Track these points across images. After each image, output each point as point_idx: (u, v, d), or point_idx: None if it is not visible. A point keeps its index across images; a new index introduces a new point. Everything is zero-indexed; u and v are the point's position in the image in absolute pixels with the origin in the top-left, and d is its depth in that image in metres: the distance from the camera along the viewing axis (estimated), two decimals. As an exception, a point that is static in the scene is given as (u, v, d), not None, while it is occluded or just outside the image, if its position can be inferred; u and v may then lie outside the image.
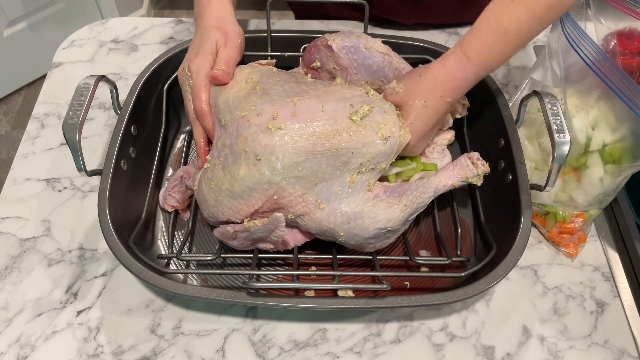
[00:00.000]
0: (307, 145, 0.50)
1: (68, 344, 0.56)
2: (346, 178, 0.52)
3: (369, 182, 0.53)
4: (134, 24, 0.86)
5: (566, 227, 0.63)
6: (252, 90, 0.54)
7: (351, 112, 0.51)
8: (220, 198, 0.54)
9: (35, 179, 0.69)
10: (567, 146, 0.53)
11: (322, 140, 0.51)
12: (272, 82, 0.55)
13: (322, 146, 0.51)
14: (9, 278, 0.60)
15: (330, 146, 0.51)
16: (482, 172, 0.57)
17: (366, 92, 0.55)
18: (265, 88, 0.54)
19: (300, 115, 0.51)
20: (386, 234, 0.54)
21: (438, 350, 0.57)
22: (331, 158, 0.51)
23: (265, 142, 0.50)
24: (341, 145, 0.51)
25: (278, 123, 0.51)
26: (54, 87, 0.78)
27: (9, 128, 1.80)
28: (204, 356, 0.56)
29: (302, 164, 0.51)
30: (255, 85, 0.55)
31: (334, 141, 0.51)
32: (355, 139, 0.51)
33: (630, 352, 0.57)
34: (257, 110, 0.52)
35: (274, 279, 0.60)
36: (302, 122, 0.51)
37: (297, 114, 0.51)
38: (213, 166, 0.54)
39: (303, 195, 0.52)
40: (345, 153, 0.51)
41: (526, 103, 0.60)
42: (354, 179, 0.53)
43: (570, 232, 0.63)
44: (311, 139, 0.50)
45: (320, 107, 0.52)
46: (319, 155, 0.51)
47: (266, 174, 0.51)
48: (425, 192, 0.55)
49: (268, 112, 0.51)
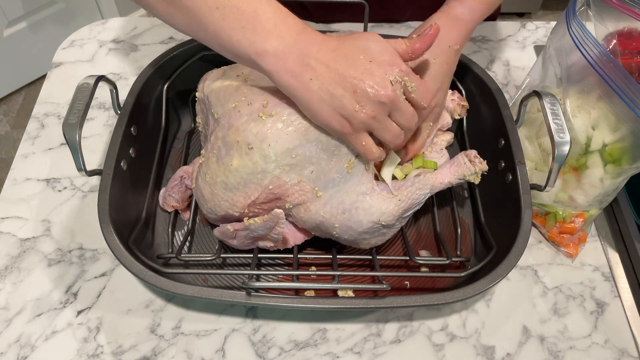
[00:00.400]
0: (298, 129, 0.50)
1: (68, 344, 0.56)
2: (344, 163, 0.52)
3: (366, 166, 0.53)
4: (134, 24, 0.86)
5: (566, 227, 0.63)
6: (243, 82, 0.54)
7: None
8: (215, 191, 0.54)
9: (35, 179, 0.69)
10: (567, 146, 0.53)
11: (314, 125, 0.50)
12: (262, 75, 0.55)
13: (314, 130, 0.50)
14: (9, 278, 0.60)
15: (322, 130, 0.50)
16: (480, 169, 0.57)
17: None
18: (256, 80, 0.54)
19: (291, 101, 0.50)
20: (381, 230, 0.54)
21: (438, 351, 0.57)
22: (324, 143, 0.51)
23: (256, 130, 0.50)
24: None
25: (269, 110, 0.50)
26: (54, 87, 0.78)
27: (9, 128, 1.80)
28: (204, 356, 0.56)
29: (294, 150, 0.50)
30: (245, 78, 0.55)
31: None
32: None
33: (631, 352, 0.57)
34: (248, 100, 0.52)
35: (273, 279, 0.60)
36: (292, 107, 0.50)
37: (287, 100, 0.51)
38: (207, 160, 0.54)
39: (299, 183, 0.52)
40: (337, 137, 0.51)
41: (526, 103, 0.60)
42: (352, 163, 0.52)
43: (571, 232, 0.63)
44: (302, 124, 0.50)
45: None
46: (312, 140, 0.50)
47: (259, 163, 0.50)
48: (422, 188, 0.55)
49: (258, 101, 0.51)
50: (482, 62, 0.82)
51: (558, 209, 0.63)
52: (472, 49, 0.84)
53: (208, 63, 0.70)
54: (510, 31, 0.86)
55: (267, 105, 0.51)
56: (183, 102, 0.72)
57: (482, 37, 0.86)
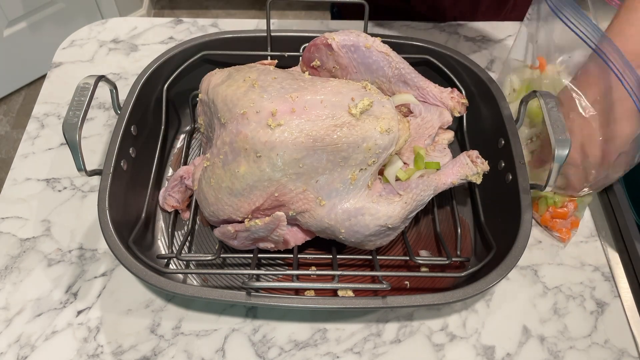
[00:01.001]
0: (307, 141, 0.50)
1: (68, 344, 0.56)
2: (347, 175, 0.52)
3: (369, 178, 0.53)
4: (134, 24, 0.86)
5: (558, 212, 0.64)
6: (250, 87, 0.54)
7: (350, 107, 0.51)
8: (220, 196, 0.54)
9: (35, 179, 0.69)
10: (567, 146, 0.53)
11: (322, 136, 0.50)
12: (269, 80, 0.55)
13: (322, 141, 0.51)
14: (9, 278, 0.60)
15: (330, 141, 0.51)
16: (482, 170, 0.57)
17: (364, 86, 0.55)
18: (263, 85, 0.54)
19: (299, 111, 0.51)
20: (386, 232, 0.54)
21: (438, 350, 0.57)
22: (331, 154, 0.51)
23: (265, 138, 0.50)
24: (341, 140, 0.51)
25: (277, 119, 0.50)
26: (54, 87, 0.78)
27: (9, 128, 1.80)
28: (204, 356, 0.56)
29: (302, 160, 0.51)
30: (253, 83, 0.55)
31: (334, 136, 0.51)
32: (355, 133, 0.51)
33: (631, 352, 0.57)
34: (256, 107, 0.52)
35: (273, 279, 0.60)
36: (301, 118, 0.51)
37: (296, 109, 0.51)
38: (213, 164, 0.54)
39: (304, 192, 0.52)
40: (345, 149, 0.51)
41: (526, 103, 0.60)
42: (355, 175, 0.53)
43: (563, 217, 0.64)
44: (311, 135, 0.50)
45: (319, 103, 0.51)
46: (319, 151, 0.51)
47: (267, 171, 0.51)
48: (425, 190, 0.55)
49: (267, 109, 0.51)
50: (482, 62, 0.82)
51: (549, 195, 0.64)
52: (472, 49, 0.84)
53: (208, 63, 0.70)
54: (510, 31, 0.86)
55: (275, 114, 0.51)
56: (183, 102, 0.72)
57: (482, 37, 0.86)
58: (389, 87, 0.63)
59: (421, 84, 0.62)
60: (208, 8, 2.23)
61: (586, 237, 0.66)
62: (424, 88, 0.63)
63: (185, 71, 0.68)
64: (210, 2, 2.25)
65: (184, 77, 0.68)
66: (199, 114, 0.63)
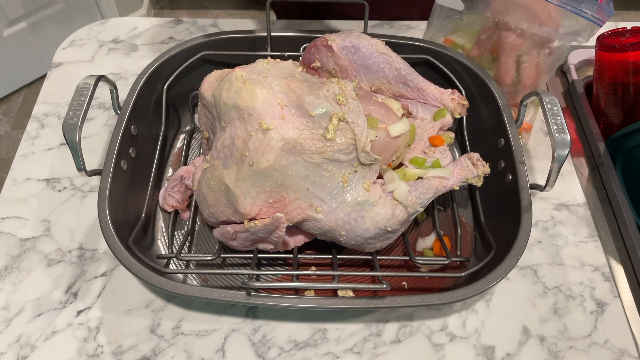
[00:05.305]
0: (294, 147, 0.51)
1: (68, 344, 0.56)
2: (338, 178, 0.52)
3: (363, 179, 0.53)
4: (133, 24, 0.86)
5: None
6: (249, 89, 0.54)
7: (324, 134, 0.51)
8: (219, 198, 0.54)
9: (35, 179, 0.69)
10: (567, 146, 0.53)
11: (309, 143, 0.51)
12: (260, 79, 0.55)
13: (309, 149, 0.51)
14: (9, 278, 0.60)
15: (316, 149, 0.51)
16: (482, 172, 0.57)
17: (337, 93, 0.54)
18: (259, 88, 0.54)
19: (288, 118, 0.51)
20: (386, 235, 0.54)
21: (438, 350, 0.57)
22: (316, 160, 0.51)
23: (254, 145, 0.51)
24: (327, 148, 0.51)
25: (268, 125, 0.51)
26: (54, 87, 0.78)
27: (9, 128, 1.80)
28: (204, 356, 0.56)
29: (290, 167, 0.51)
30: (244, 81, 0.55)
31: (319, 144, 0.51)
32: (339, 141, 0.51)
33: (630, 352, 0.57)
34: (248, 111, 0.52)
35: (273, 279, 0.60)
36: (289, 125, 0.51)
37: (285, 117, 0.51)
38: (213, 167, 0.55)
39: (296, 200, 0.53)
40: (332, 155, 0.51)
41: (526, 103, 0.60)
42: (346, 178, 0.52)
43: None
44: (298, 141, 0.51)
45: (306, 112, 0.52)
46: (307, 158, 0.51)
47: (258, 177, 0.51)
48: (425, 192, 0.55)
49: (259, 114, 0.51)
50: (482, 62, 0.82)
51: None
52: (472, 49, 0.84)
53: (208, 63, 0.70)
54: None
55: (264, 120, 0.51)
56: (183, 102, 0.72)
57: (482, 37, 0.85)
58: (389, 89, 0.63)
59: (421, 85, 0.63)
60: (208, 8, 2.23)
61: (586, 237, 0.66)
62: (424, 89, 0.63)
63: (185, 71, 0.68)
64: (210, 2, 2.25)
65: (183, 77, 0.69)
66: (200, 115, 0.63)
